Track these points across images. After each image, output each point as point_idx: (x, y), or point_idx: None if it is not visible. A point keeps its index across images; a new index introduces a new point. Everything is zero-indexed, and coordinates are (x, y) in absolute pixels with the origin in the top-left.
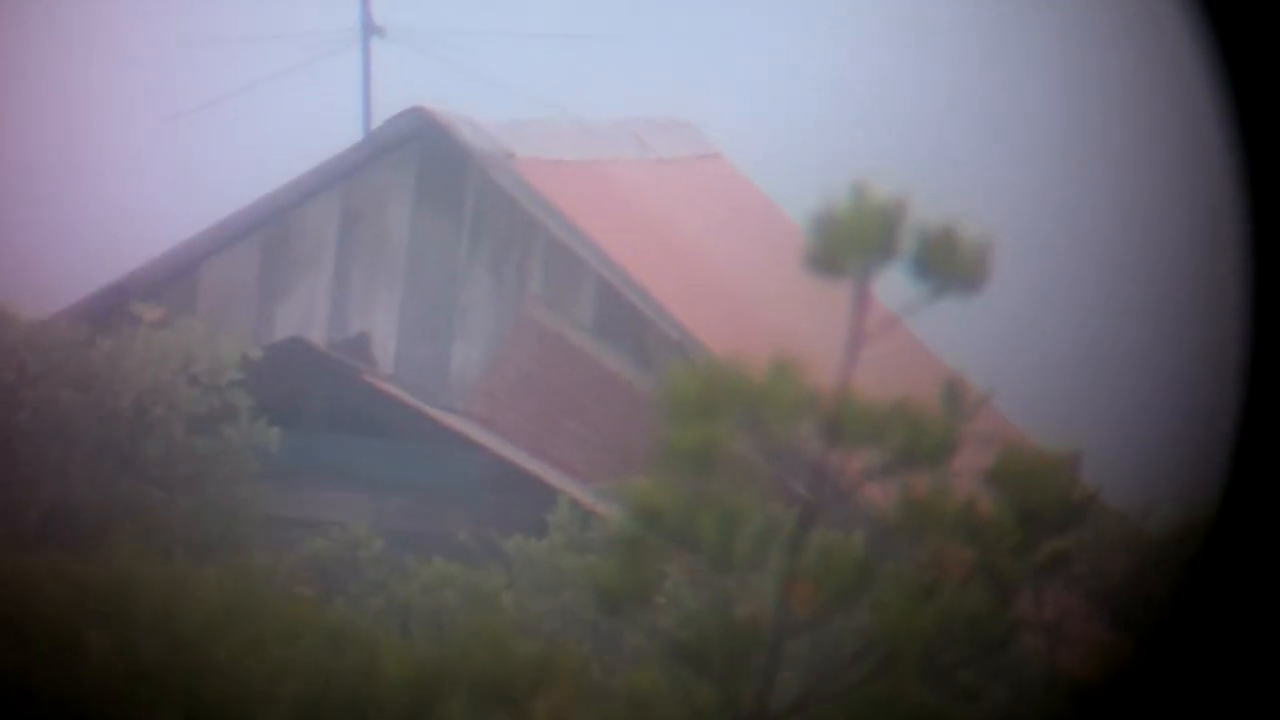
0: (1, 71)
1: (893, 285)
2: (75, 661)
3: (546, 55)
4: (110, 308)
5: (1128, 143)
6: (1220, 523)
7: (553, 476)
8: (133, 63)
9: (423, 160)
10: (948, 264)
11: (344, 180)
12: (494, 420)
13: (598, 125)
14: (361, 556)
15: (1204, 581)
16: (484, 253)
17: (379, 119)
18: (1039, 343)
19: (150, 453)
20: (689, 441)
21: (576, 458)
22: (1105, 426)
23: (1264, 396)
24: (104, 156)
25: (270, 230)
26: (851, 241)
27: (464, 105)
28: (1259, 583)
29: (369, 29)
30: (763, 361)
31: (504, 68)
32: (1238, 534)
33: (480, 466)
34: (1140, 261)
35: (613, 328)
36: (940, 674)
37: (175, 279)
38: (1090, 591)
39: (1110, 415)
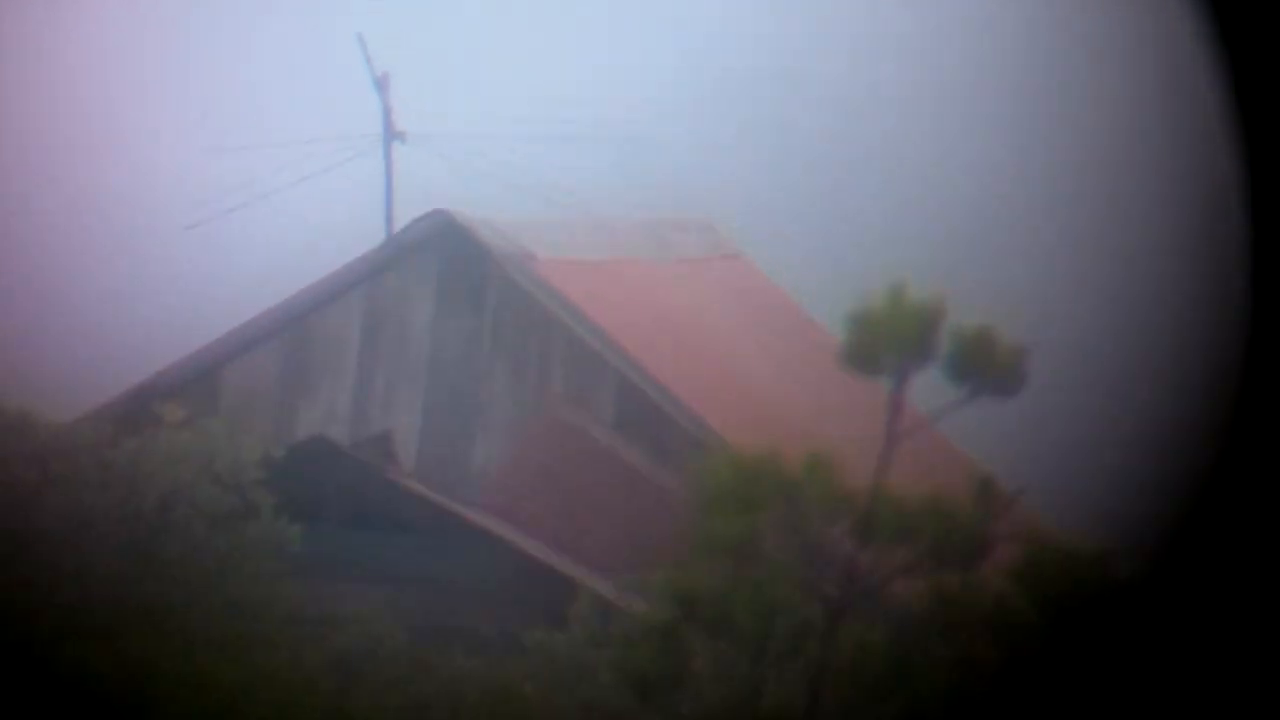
0: (29, 169)
1: (921, 383)
2: None
3: (567, 155)
4: (134, 409)
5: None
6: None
7: (573, 570)
8: (156, 168)
9: (444, 261)
10: (985, 366)
11: (366, 282)
12: (514, 514)
13: (618, 224)
14: (382, 651)
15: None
16: (505, 351)
17: (401, 221)
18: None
19: (172, 552)
20: (728, 531)
21: (596, 552)
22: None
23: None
24: (129, 259)
25: (293, 331)
26: (888, 340)
27: (485, 206)
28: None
29: (390, 134)
30: (795, 457)
31: (524, 168)
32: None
33: (501, 560)
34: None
35: (633, 424)
36: None
37: (199, 380)
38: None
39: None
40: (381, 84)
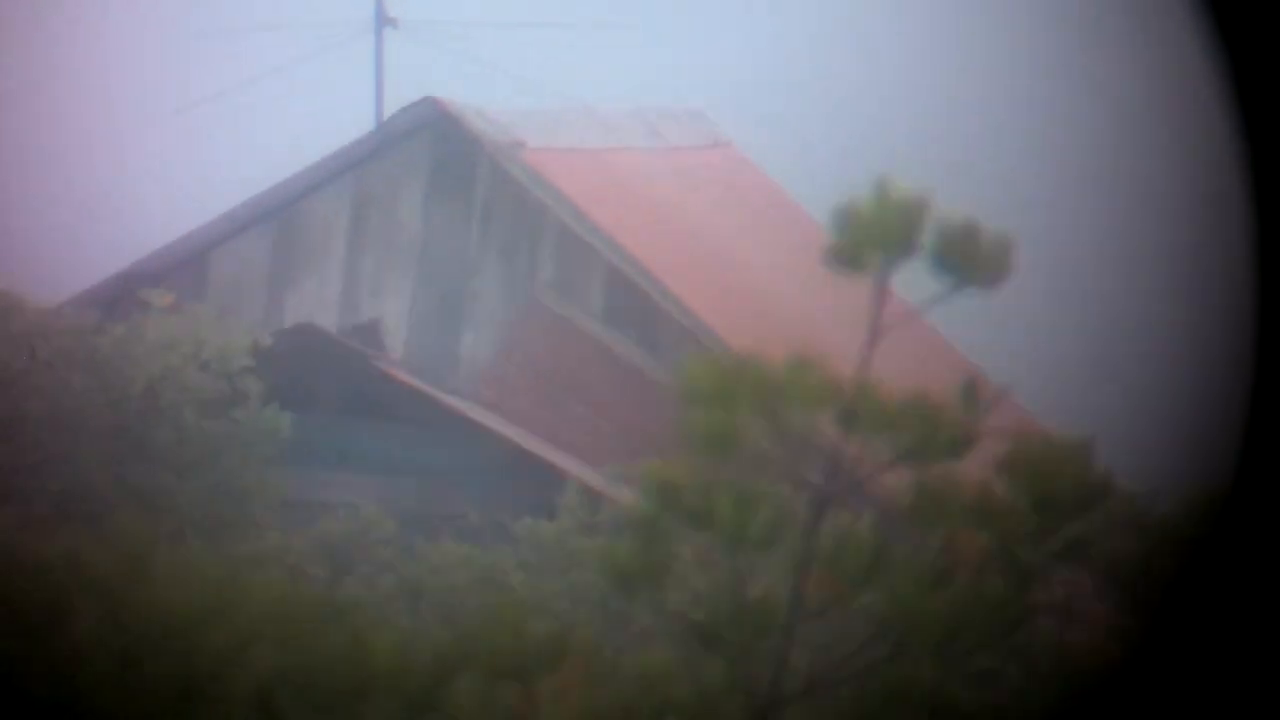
0: (12, 61)
1: (914, 279)
2: (67, 639)
3: (559, 45)
4: (120, 295)
5: (1137, 144)
6: (1229, 504)
7: (562, 460)
8: (143, 54)
9: (434, 150)
10: (969, 260)
11: (355, 169)
12: (503, 405)
13: (609, 114)
14: (372, 538)
15: (1212, 563)
16: (494, 241)
17: (391, 110)
18: (1052, 330)
19: (161, 438)
20: (707, 426)
21: (586, 442)
22: (1120, 409)
23: (1271, 382)
24: (115, 146)
25: (281, 218)
26: (873, 237)
27: (476, 96)
28: (1268, 564)
29: (382, 20)
30: (781, 355)
31: (516, 59)
32: (1247, 516)
33: (489, 450)
34: (1149, 248)
35: (623, 315)
36: (954, 658)
37: (185, 267)
38: (1101, 574)
39: (1122, 398)
40: None
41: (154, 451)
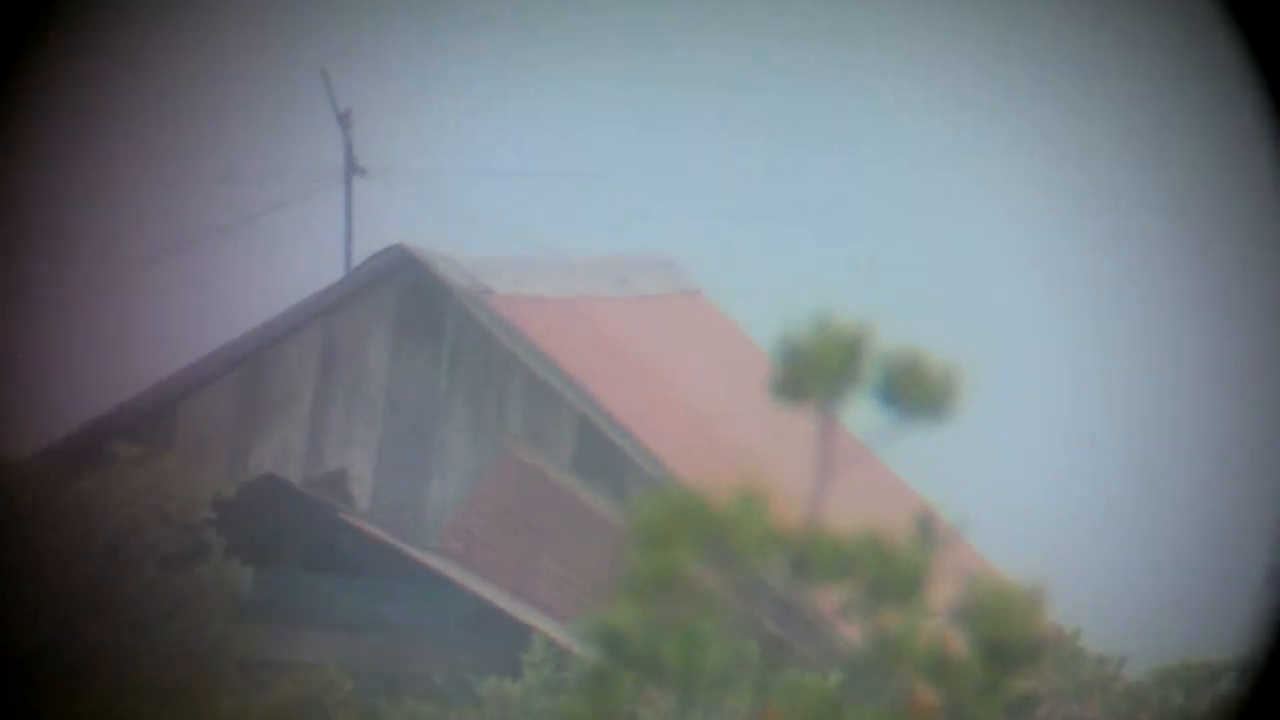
0: None
1: (869, 415)
2: None
3: (528, 193)
4: (89, 446)
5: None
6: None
7: (528, 615)
8: (111, 202)
9: (402, 297)
10: (913, 391)
11: (324, 317)
12: (471, 558)
13: (578, 262)
14: (331, 700)
15: None
16: (462, 389)
17: (361, 257)
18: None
19: (121, 594)
20: (649, 566)
21: (555, 596)
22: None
23: None
24: (84, 293)
25: (249, 368)
26: (814, 368)
27: (445, 243)
28: None
29: (351, 168)
30: (730, 489)
31: (485, 205)
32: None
33: (455, 605)
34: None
35: (592, 464)
36: None
37: (154, 417)
38: None
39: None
40: (344, 120)
41: (114, 608)
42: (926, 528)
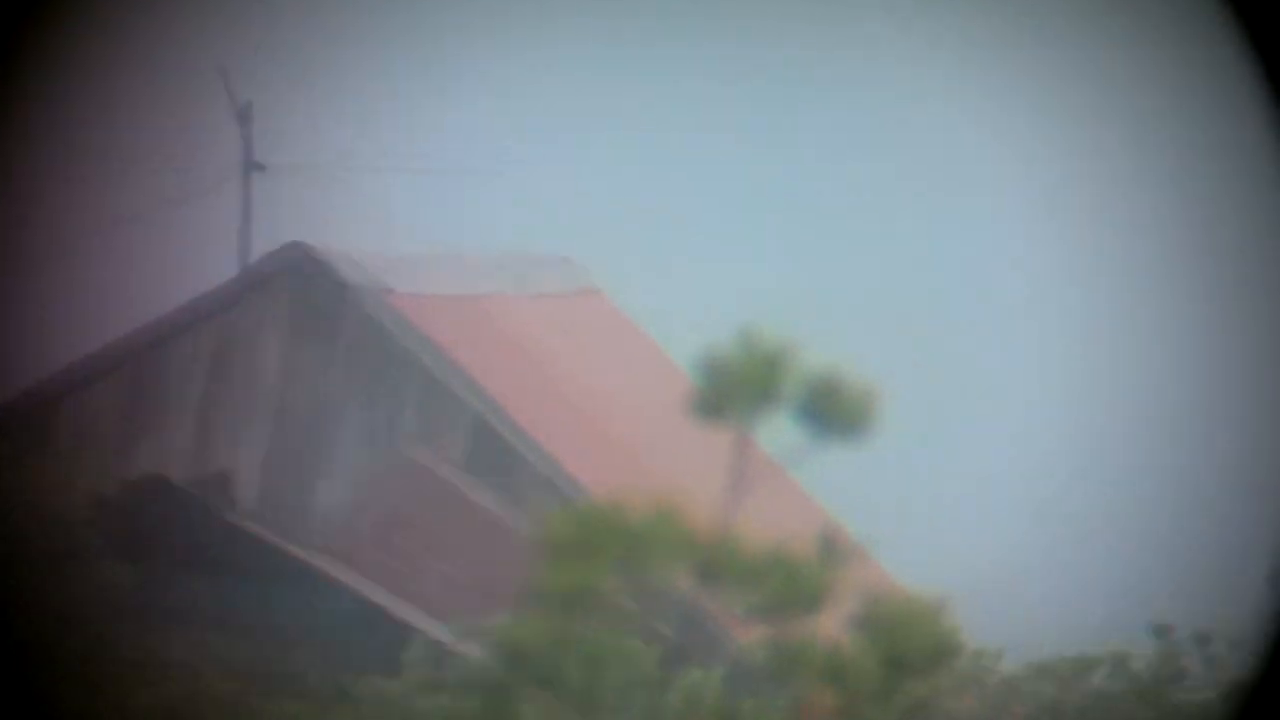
0: None
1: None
2: None
3: (428, 189)
4: None
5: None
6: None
7: (410, 615)
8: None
9: (298, 295)
10: (830, 411)
11: (217, 314)
12: (355, 557)
13: (477, 260)
14: (206, 700)
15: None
16: (356, 388)
17: (258, 254)
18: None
19: None
20: (562, 582)
21: (441, 596)
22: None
23: None
24: None
25: (135, 366)
26: (735, 386)
27: (344, 240)
28: None
29: (250, 164)
30: (642, 504)
31: (384, 202)
32: None
33: (336, 605)
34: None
35: (485, 464)
36: None
37: (38, 414)
38: None
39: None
40: (243, 115)
41: None
42: (831, 544)
